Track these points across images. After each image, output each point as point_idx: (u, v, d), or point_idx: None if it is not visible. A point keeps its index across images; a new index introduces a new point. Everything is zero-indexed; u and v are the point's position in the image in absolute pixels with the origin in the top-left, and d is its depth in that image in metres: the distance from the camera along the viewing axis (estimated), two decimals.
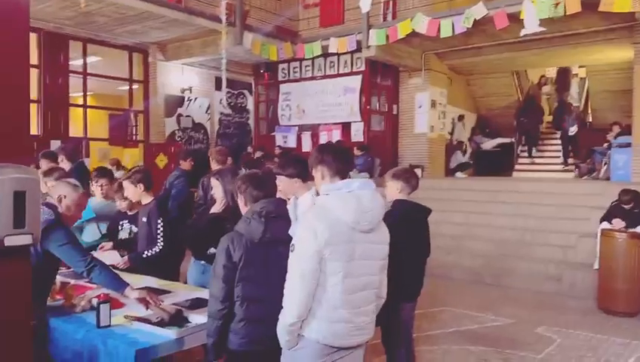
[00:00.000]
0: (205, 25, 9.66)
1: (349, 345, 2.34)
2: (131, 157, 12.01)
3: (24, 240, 1.36)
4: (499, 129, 14.14)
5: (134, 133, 11.51)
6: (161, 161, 10.71)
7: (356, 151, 10.27)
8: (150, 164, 10.79)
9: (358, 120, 11.28)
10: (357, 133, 11.33)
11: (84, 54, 10.26)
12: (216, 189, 3.51)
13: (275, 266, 2.43)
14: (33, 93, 9.49)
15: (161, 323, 2.63)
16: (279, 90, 12.48)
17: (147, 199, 3.98)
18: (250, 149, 11.35)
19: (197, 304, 2.97)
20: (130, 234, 4.20)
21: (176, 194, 6.18)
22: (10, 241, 1.33)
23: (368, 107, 11.35)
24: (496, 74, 13.47)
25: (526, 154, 13.39)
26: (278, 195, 2.85)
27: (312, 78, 11.93)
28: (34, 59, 9.45)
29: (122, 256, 3.96)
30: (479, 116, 14.82)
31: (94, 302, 2.81)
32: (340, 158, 2.41)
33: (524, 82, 14.74)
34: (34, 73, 9.46)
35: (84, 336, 2.58)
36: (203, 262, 3.59)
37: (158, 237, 3.83)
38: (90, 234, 4.32)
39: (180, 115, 11.48)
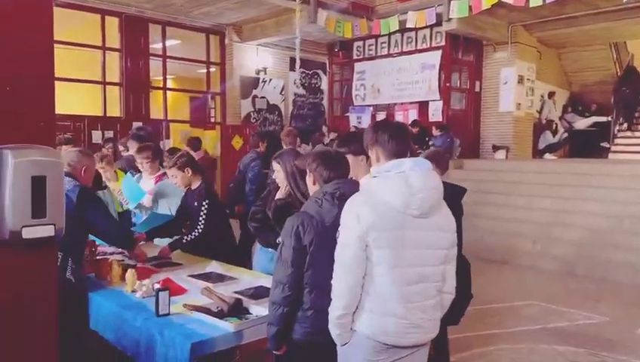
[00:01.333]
0: (279, 4, 9.50)
1: (405, 344, 2.08)
2: (211, 139, 12.25)
3: (45, 231, 1.20)
4: (594, 107, 13.00)
5: (212, 115, 11.69)
6: (237, 142, 10.79)
7: (435, 132, 9.80)
8: (226, 146, 10.93)
9: (436, 98, 10.75)
10: (435, 113, 10.80)
11: (163, 37, 10.46)
12: (278, 173, 3.30)
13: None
14: (115, 77, 9.83)
15: (220, 314, 2.49)
16: (354, 68, 12.16)
17: (197, 182, 3.87)
18: (324, 130, 11.15)
19: (260, 293, 2.81)
20: None
21: (253, 178, 6.07)
22: (29, 233, 1.17)
23: (448, 84, 10.77)
24: (592, 46, 12.35)
25: (624, 134, 12.19)
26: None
27: (388, 56, 11.50)
28: (115, 42, 9.76)
29: None
30: (572, 93, 13.71)
31: (155, 287, 2.72)
32: (397, 138, 2.13)
33: (623, 55, 13.40)
34: (115, 56, 9.79)
35: (142, 324, 2.49)
36: (271, 249, 3.43)
37: (200, 220, 3.70)
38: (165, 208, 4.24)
39: (255, 97, 11.49)
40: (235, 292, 2.81)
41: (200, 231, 3.68)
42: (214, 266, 3.32)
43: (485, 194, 8.45)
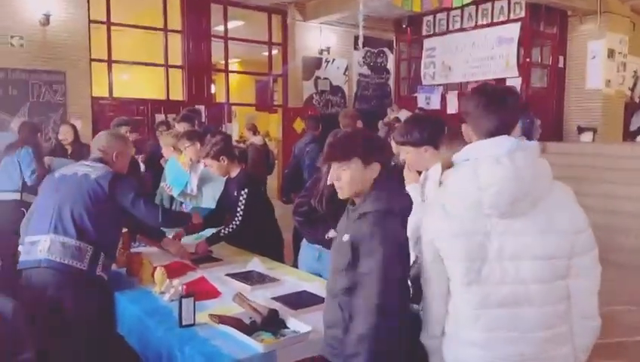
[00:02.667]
0: None
1: None
2: (274, 123, 12.01)
3: None
4: None
5: (274, 98, 11.40)
6: (299, 126, 10.43)
7: None
8: (288, 130, 10.60)
9: (514, 75, 9.83)
10: None
11: (225, 18, 10.21)
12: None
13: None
14: (177, 59, 9.70)
15: (251, 328, 2.09)
16: (423, 45, 11.40)
17: (235, 170, 3.48)
18: (389, 112, 10.54)
19: (301, 301, 2.39)
20: None
21: (311, 164, 5.64)
22: None
23: (528, 60, 9.83)
24: None
25: None
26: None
27: (461, 30, 10.65)
28: (177, 24, 9.61)
29: None
30: None
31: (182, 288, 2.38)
32: (494, 108, 1.57)
33: None
34: (177, 38, 9.64)
35: (163, 335, 2.14)
36: (318, 246, 3.00)
37: (238, 211, 3.32)
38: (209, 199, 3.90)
39: (317, 78, 11.05)
40: (275, 299, 2.41)
41: (238, 222, 3.31)
42: (255, 264, 2.94)
43: (571, 181, 7.51)
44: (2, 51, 7.62)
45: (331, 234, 2.78)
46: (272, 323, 2.12)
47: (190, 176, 3.93)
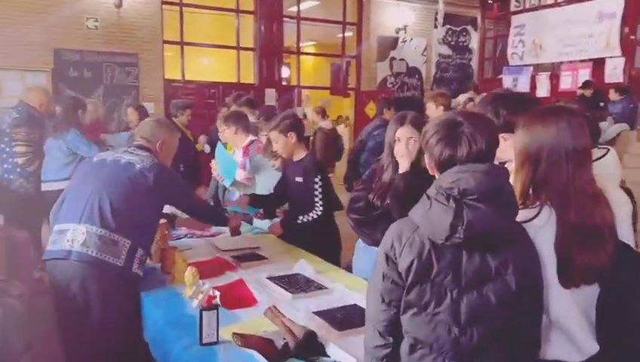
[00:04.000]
0: None
1: None
2: (348, 107, 11.57)
3: None
4: None
5: (347, 80, 10.93)
6: (371, 110, 9.89)
7: (613, 95, 7.97)
8: (360, 114, 10.13)
9: (616, 54, 8.75)
10: (614, 72, 8.81)
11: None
12: (399, 143, 2.42)
13: (473, 288, 1.35)
14: (249, 42, 9.48)
15: (282, 353, 1.70)
16: (511, 22, 10.46)
17: (300, 153, 3.09)
18: (469, 95, 9.75)
19: (349, 319, 1.97)
20: None
21: (374, 147, 5.18)
22: None
23: (633, 37, 8.70)
24: None
25: None
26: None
27: (555, 5, 9.65)
28: (249, 5, 9.37)
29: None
30: None
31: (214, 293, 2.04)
32: None
33: None
34: (249, 20, 9.41)
35: (180, 354, 1.81)
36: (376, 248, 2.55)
37: (316, 199, 2.95)
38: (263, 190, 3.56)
39: (392, 59, 10.44)
40: (318, 313, 2.00)
41: (320, 212, 2.98)
42: (303, 266, 2.54)
43: None
44: (78, 33, 7.71)
45: None
46: (308, 348, 1.72)
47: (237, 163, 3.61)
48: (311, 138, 7.89)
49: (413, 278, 1.36)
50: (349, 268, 2.83)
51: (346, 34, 10.52)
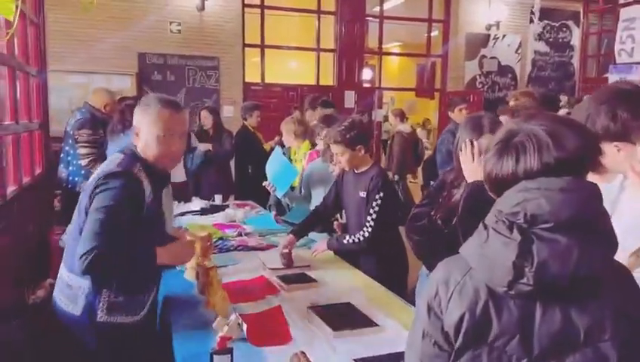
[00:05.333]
0: None
1: None
2: (433, 109, 11.03)
3: None
4: None
5: (433, 81, 10.38)
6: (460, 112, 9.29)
7: None
8: (445, 117, 9.53)
9: None
10: None
11: None
12: (465, 156, 2.01)
13: (550, 359, 0.97)
14: (329, 43, 9.25)
15: None
16: (619, 16, 9.35)
17: (366, 164, 2.75)
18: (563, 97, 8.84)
19: None
20: None
21: (448, 155, 4.71)
22: None
23: None
24: None
25: None
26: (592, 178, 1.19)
27: None
28: (331, 5, 9.14)
29: None
30: None
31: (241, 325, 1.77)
32: None
33: None
34: (330, 21, 9.18)
35: None
36: None
37: (369, 218, 2.61)
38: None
39: (482, 57, 9.73)
40: (358, 361, 1.65)
41: (369, 233, 2.63)
42: (357, 294, 2.20)
43: None
44: (161, 38, 7.87)
45: None
46: None
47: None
48: (388, 142, 7.53)
49: (464, 340, 1.00)
50: (413, 293, 2.44)
51: (433, 33, 9.99)
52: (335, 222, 3.12)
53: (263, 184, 3.42)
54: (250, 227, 3.43)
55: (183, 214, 3.89)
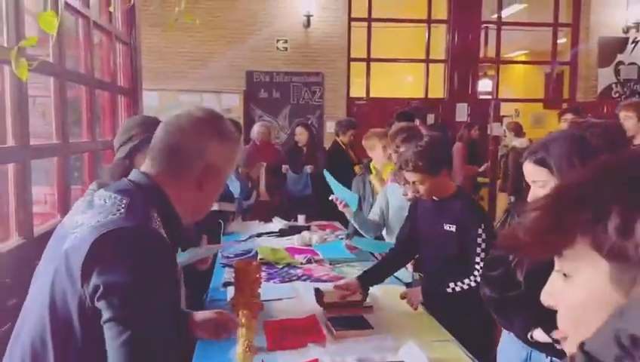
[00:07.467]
0: None
1: None
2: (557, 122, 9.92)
3: None
4: None
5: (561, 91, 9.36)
6: None
7: None
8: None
9: None
10: None
11: (500, 1, 8.76)
12: (536, 186, 1.55)
13: None
14: (440, 54, 8.74)
15: None
16: None
17: (450, 189, 2.34)
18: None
19: None
20: None
21: None
22: None
23: None
24: None
25: None
26: None
27: None
28: (443, 14, 8.64)
29: None
30: None
31: None
32: None
33: None
34: (441, 30, 8.68)
35: None
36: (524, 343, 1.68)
37: (477, 260, 2.18)
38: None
39: (619, 63, 8.56)
40: None
41: (473, 282, 2.18)
42: (412, 352, 1.79)
43: None
44: (268, 55, 7.96)
45: (538, 335, 1.48)
46: None
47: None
48: (502, 159, 6.83)
49: None
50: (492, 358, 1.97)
51: (561, 41, 9.00)
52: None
53: (330, 198, 3.07)
54: (322, 253, 3.14)
55: (259, 235, 3.71)
